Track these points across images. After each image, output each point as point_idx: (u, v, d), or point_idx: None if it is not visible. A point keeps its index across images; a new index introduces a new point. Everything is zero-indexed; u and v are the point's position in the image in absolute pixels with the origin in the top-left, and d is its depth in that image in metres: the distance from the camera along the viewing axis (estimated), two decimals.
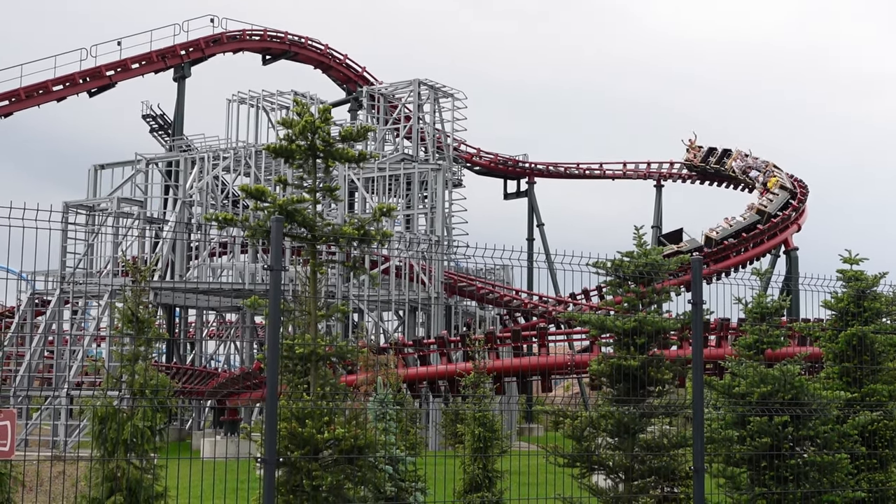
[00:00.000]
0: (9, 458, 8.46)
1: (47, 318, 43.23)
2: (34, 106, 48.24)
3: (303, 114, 11.54)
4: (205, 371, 46.25)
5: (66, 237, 43.09)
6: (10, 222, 8.49)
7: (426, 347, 37.25)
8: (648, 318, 12.51)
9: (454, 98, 55.79)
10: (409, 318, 47.21)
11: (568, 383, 57.09)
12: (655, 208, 63.25)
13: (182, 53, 52.50)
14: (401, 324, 50.38)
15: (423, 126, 55.11)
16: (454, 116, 56.15)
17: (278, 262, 8.69)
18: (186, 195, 48.01)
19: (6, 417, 8.16)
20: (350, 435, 10.50)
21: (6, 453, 8.22)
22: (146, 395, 11.08)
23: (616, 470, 12.41)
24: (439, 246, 45.21)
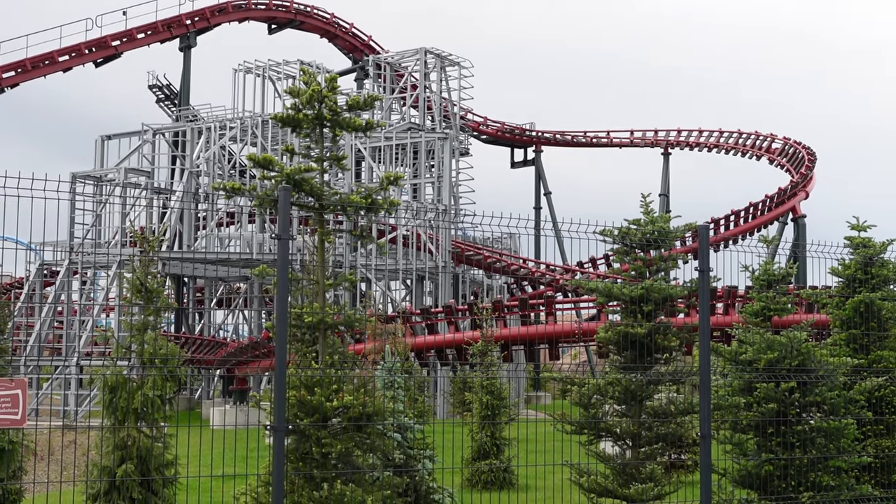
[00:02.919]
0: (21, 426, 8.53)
1: (56, 288, 43.37)
2: (40, 77, 48.20)
3: (310, 83, 11.52)
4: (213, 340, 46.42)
5: (74, 208, 43.16)
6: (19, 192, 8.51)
7: (434, 316, 37.34)
8: (655, 285, 12.52)
9: (461, 66, 55.62)
10: (417, 286, 47.28)
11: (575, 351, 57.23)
12: (663, 176, 63.13)
13: (188, 23, 52.36)
14: (408, 293, 50.47)
15: (429, 95, 55.00)
16: (461, 85, 56.05)
17: (286, 231, 8.70)
18: (193, 165, 48.00)
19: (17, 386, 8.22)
20: (358, 403, 10.55)
21: (18, 422, 8.29)
22: (156, 364, 11.14)
23: (623, 437, 12.46)
24: (446, 215, 45.19)
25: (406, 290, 52.01)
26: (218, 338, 50.64)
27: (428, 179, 49.43)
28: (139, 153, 48.11)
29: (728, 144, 62.68)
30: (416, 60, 55.09)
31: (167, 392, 11.25)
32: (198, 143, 48.42)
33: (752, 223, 53.18)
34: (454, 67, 55.58)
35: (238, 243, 47.81)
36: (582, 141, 65.66)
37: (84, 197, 43.96)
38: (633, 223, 12.90)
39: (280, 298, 8.68)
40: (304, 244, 12.48)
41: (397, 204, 11.81)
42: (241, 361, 39.37)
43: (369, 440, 10.95)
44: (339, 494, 10.10)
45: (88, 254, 42.36)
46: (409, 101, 55.10)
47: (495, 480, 20.67)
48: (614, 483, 12.04)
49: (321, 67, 48.50)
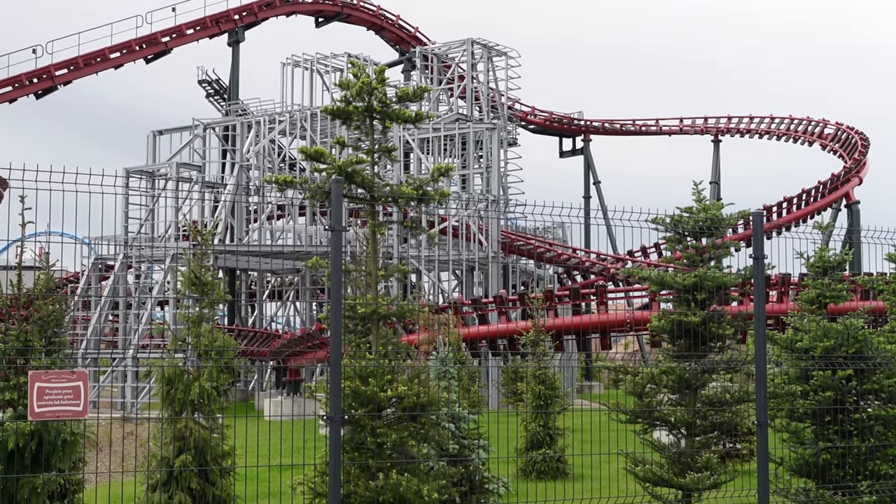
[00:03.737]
0: (82, 417, 8.67)
1: (111, 282, 43.91)
2: (92, 74, 48.75)
3: (359, 75, 11.57)
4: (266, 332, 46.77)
5: (128, 203, 43.68)
6: (77, 188, 8.64)
7: (485, 306, 37.35)
8: (709, 273, 12.44)
9: (508, 56, 55.48)
10: (467, 277, 47.31)
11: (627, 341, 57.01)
12: (713, 164, 62.61)
13: (236, 18, 52.70)
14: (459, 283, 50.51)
15: (476, 85, 54.92)
16: (508, 75, 55.89)
17: (339, 223, 8.76)
18: (243, 159, 48.34)
19: (79, 378, 8.35)
20: (412, 393, 10.61)
21: (80, 413, 8.42)
22: (211, 356, 11.26)
23: (678, 426, 12.41)
24: (496, 205, 45.15)
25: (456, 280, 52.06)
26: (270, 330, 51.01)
27: (476, 170, 49.39)
28: (190, 148, 48.56)
29: (779, 131, 62.01)
30: (462, 51, 55.03)
31: (223, 383, 11.36)
32: (247, 137, 48.74)
33: (805, 210, 52.62)
34: (501, 58, 55.45)
35: (289, 236, 48.11)
36: (631, 129, 65.29)
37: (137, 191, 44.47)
38: (685, 211, 12.82)
39: (334, 289, 8.74)
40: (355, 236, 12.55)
41: (448, 195, 11.84)
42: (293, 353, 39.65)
43: (423, 430, 11.01)
44: (394, 484, 10.17)
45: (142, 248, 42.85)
46: (456, 92, 55.07)
47: (549, 470, 20.68)
48: (669, 472, 12.00)
49: (369, 60, 48.61)
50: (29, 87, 46.57)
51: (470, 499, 12.69)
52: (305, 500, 10.92)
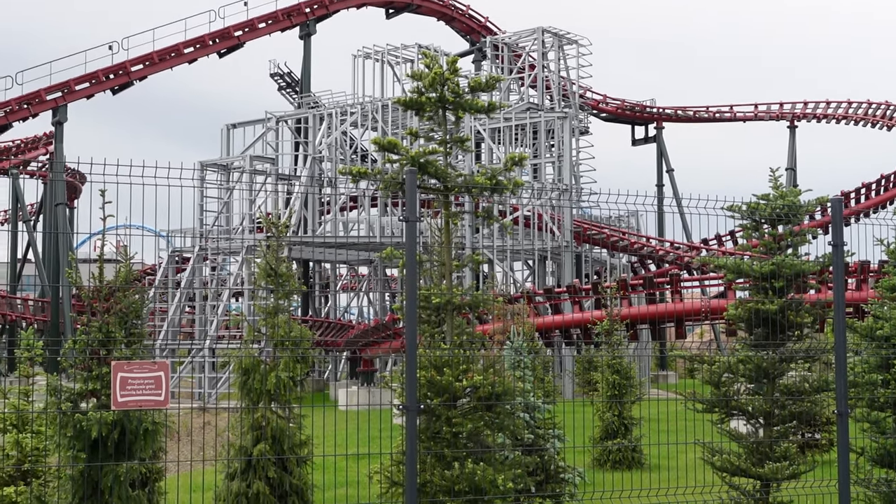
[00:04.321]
0: (164, 407, 8.82)
1: (187, 274, 44.56)
2: (167, 69, 49.39)
3: (432, 66, 11.59)
4: (339, 323, 47.13)
5: (203, 196, 44.26)
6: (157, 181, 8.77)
7: (558, 296, 37.24)
8: (786, 261, 12.28)
9: (578, 44, 55.15)
10: (539, 267, 47.20)
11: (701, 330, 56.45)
12: (789, 150, 61.67)
13: (307, 11, 53.04)
14: (531, 273, 50.40)
15: (547, 74, 54.70)
16: (579, 63, 55.55)
17: (414, 214, 8.79)
18: (316, 151, 48.69)
19: (160, 368, 8.50)
20: (487, 382, 10.62)
21: (161, 402, 8.57)
22: (287, 346, 11.38)
23: (756, 415, 12.27)
24: (568, 194, 44.96)
25: (529, 270, 51.95)
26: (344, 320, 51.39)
27: (548, 159, 49.21)
28: (263, 141, 49.03)
29: (857, 115, 60.88)
30: (533, 40, 54.81)
31: (298, 374, 11.49)
32: (320, 129, 49.09)
33: (884, 196, 51.63)
34: (572, 46, 55.14)
35: (361, 227, 48.40)
36: (704, 116, 64.54)
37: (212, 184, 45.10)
38: (761, 198, 12.66)
39: (409, 280, 8.78)
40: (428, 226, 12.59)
41: (521, 184, 11.82)
42: (368, 343, 39.92)
43: (498, 419, 11.01)
44: (469, 473, 10.19)
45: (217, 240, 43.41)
46: (527, 82, 54.89)
47: (624, 460, 20.60)
48: (747, 462, 11.87)
49: (439, 50, 48.63)
50: (105, 83, 47.33)
51: (545, 488, 12.68)
52: (381, 489, 10.99)
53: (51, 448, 10.04)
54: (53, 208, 45.69)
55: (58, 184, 46.71)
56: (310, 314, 50.55)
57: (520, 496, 11.88)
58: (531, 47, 55.09)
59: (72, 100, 46.39)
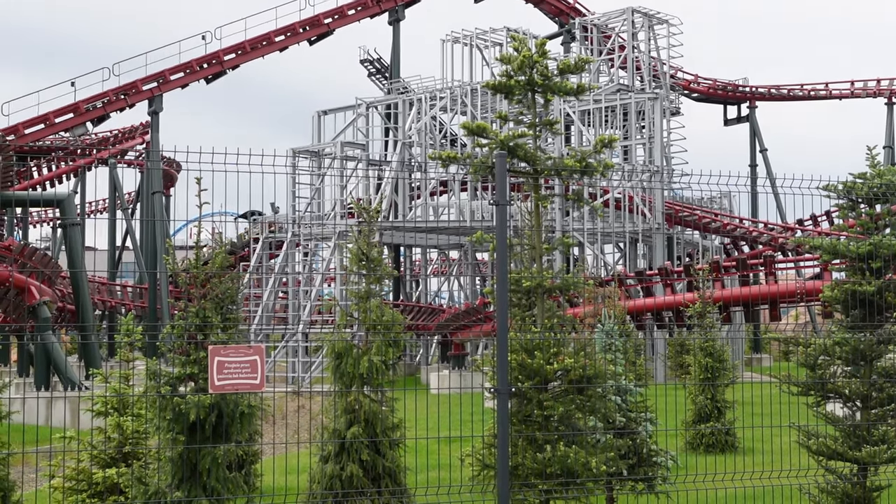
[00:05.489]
0: (259, 390, 8.98)
1: (281, 260, 45.16)
2: (258, 57, 50.00)
3: (520, 49, 11.57)
4: (430, 307, 47.36)
5: (296, 182, 44.78)
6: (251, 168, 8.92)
7: (649, 279, 36.96)
8: (885, 241, 12.03)
9: (669, 24, 54.51)
10: (630, 249, 46.85)
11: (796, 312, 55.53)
12: (887, 128, 60.22)
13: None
14: (622, 256, 50.06)
15: (637, 55, 54.17)
16: (669, 43, 54.93)
17: (504, 197, 8.81)
18: (406, 136, 48.93)
19: (255, 352, 8.65)
20: (578, 365, 10.61)
21: (257, 386, 8.73)
22: (379, 330, 11.49)
23: (853, 398, 12.06)
24: (659, 175, 44.53)
25: (620, 253, 51.59)
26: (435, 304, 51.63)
27: (639, 141, 48.79)
28: (354, 127, 49.42)
29: None
30: (622, 20, 54.32)
31: (390, 357, 11.59)
32: (409, 115, 49.31)
33: None
34: (662, 25, 54.53)
35: (452, 211, 48.54)
36: (799, 94, 63.33)
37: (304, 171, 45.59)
38: (858, 177, 12.41)
39: (500, 263, 8.81)
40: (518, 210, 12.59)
41: (611, 166, 11.75)
42: (458, 327, 40.07)
43: (590, 402, 11.00)
44: (561, 456, 10.20)
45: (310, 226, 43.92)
46: (617, 63, 54.43)
47: (717, 443, 20.40)
48: (844, 445, 11.68)
49: (528, 33, 48.44)
50: (199, 72, 48.10)
51: (637, 471, 12.63)
52: (473, 472, 11.06)
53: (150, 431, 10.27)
54: (150, 196, 46.64)
55: (154, 172, 47.64)
56: (401, 299, 50.89)
57: (612, 479, 11.85)
58: (620, 28, 54.60)
59: (167, 89, 47.25)
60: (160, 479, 9.81)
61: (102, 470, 12.18)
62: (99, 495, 12.02)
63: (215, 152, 8.92)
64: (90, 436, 12.74)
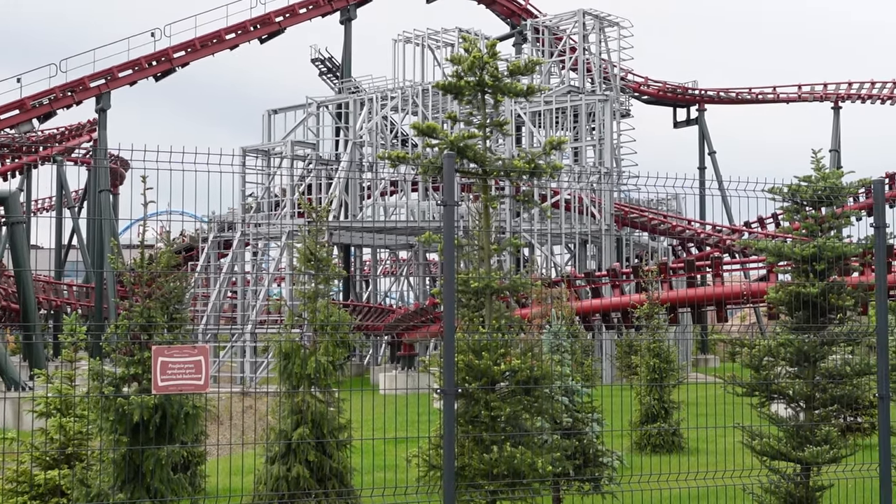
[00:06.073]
0: (203, 391, 8.90)
1: (229, 259, 44.87)
2: (208, 55, 49.60)
3: (471, 50, 11.57)
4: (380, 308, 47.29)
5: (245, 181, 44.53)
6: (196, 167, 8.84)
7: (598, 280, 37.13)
8: (828, 243, 12.16)
9: (619, 27, 54.84)
10: (580, 250, 47.08)
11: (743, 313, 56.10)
12: (833, 131, 61.01)
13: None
14: (572, 257, 50.30)
15: (588, 57, 54.44)
16: (620, 45, 55.26)
17: (452, 198, 8.80)
18: (356, 136, 48.81)
19: (200, 353, 8.57)
20: (526, 366, 10.63)
21: (201, 386, 8.65)
22: (327, 331, 11.44)
23: (797, 399, 12.19)
24: (609, 177, 44.79)
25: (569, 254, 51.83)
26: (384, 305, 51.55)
27: (589, 142, 49.04)
28: (304, 126, 49.23)
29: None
30: (574, 23, 54.55)
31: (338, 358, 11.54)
32: (360, 114, 49.20)
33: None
34: (613, 28, 54.85)
35: (402, 211, 48.51)
36: (747, 98, 63.99)
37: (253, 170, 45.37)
38: (803, 180, 12.54)
39: (447, 264, 8.80)
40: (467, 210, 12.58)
41: (560, 168, 11.78)
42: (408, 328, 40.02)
43: (537, 403, 11.03)
44: (508, 457, 10.21)
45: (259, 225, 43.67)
46: (568, 65, 54.68)
47: (664, 444, 20.54)
48: (787, 446, 11.80)
49: (480, 34, 48.52)
50: (148, 69, 47.64)
51: (584, 472, 12.67)
52: (420, 473, 11.04)
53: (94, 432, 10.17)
54: (97, 195, 46.15)
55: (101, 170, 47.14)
56: (351, 299, 50.76)
57: (558, 480, 11.89)
58: (572, 30, 54.84)
59: (115, 87, 46.74)
60: (103, 481, 9.70)
61: (44, 472, 12.02)
62: (41, 497, 11.85)
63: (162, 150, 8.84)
64: (32, 437, 12.57)
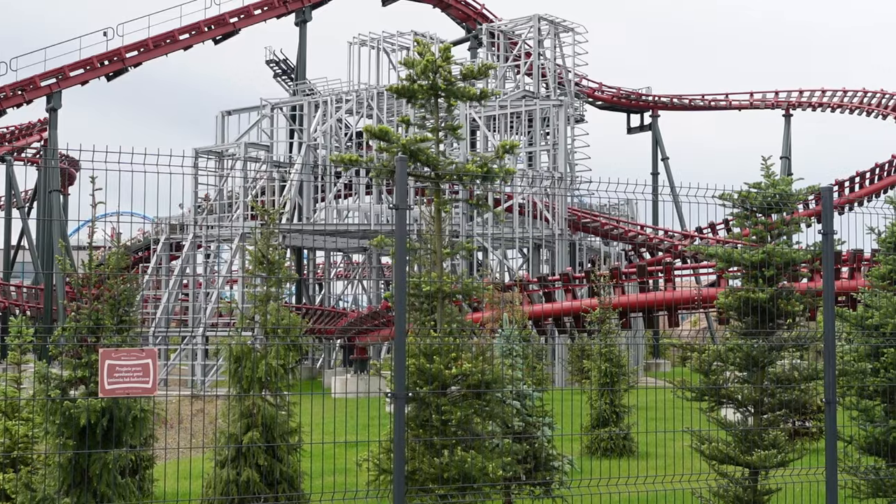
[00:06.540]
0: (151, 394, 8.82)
1: (181, 261, 44.52)
2: (162, 55, 49.22)
3: (424, 53, 11.57)
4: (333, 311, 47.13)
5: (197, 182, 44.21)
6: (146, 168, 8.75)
7: (551, 284, 37.26)
8: (777, 249, 12.29)
9: (575, 32, 55.08)
10: (534, 255, 47.21)
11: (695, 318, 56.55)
12: (784, 138, 61.67)
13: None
14: (525, 261, 50.42)
15: (543, 62, 54.63)
16: (575, 51, 55.51)
17: (403, 201, 8.78)
18: (311, 138, 48.64)
19: (148, 356, 8.49)
20: (477, 370, 10.64)
21: (149, 390, 8.57)
22: (278, 334, 11.38)
23: (745, 403, 12.30)
24: (562, 182, 44.96)
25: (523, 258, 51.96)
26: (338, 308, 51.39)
27: (543, 147, 49.19)
28: (258, 128, 48.96)
29: (852, 104, 60.82)
30: (529, 28, 54.72)
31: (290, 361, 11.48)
32: (315, 117, 49.03)
33: (878, 185, 51.64)
34: (568, 34, 55.07)
35: (355, 215, 48.39)
36: (700, 104, 64.51)
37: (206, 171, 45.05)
38: (753, 186, 12.66)
39: (398, 268, 8.78)
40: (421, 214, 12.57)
41: (513, 172, 11.82)
42: (361, 331, 39.91)
43: (488, 407, 11.04)
44: (459, 461, 10.21)
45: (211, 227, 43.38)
46: (523, 69, 54.82)
47: (615, 448, 20.63)
48: (736, 450, 11.90)
49: (435, 38, 48.55)
50: (100, 69, 47.18)
51: (535, 476, 12.70)
52: (370, 477, 11.01)
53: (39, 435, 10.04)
54: (47, 195, 45.63)
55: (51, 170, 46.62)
56: (304, 302, 50.54)
57: (509, 484, 11.91)
58: (527, 35, 55.00)
59: (66, 86, 46.25)
60: (48, 485, 9.58)
61: None
62: None
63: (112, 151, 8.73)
64: None
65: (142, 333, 12.53)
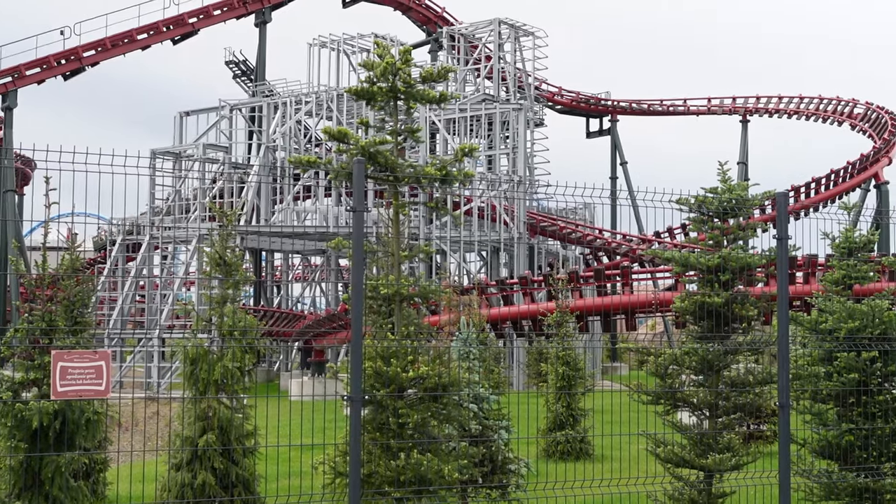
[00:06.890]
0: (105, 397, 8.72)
1: (138, 263, 44.17)
2: (119, 55, 48.80)
3: (384, 56, 11.54)
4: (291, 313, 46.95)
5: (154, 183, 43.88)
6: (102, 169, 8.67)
7: (509, 287, 37.33)
8: (733, 254, 12.38)
9: (535, 36, 55.26)
10: (492, 258, 47.28)
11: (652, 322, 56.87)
12: (741, 144, 62.21)
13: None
14: (484, 264, 50.49)
15: (503, 66, 54.76)
16: (535, 55, 55.69)
17: (361, 204, 8.76)
18: (270, 140, 48.44)
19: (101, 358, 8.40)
20: (434, 373, 10.62)
21: (102, 392, 8.48)
22: (235, 336, 11.32)
23: (700, 407, 12.38)
24: (521, 185, 45.07)
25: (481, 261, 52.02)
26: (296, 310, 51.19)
27: (503, 151, 49.30)
28: (217, 129, 48.69)
29: (808, 111, 61.50)
30: (490, 31, 54.84)
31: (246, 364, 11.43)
32: (274, 118, 48.84)
33: (833, 191, 52.21)
34: (528, 38, 55.24)
35: (314, 217, 48.24)
36: (658, 109, 64.95)
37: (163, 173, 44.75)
38: (710, 191, 12.76)
39: (355, 270, 8.76)
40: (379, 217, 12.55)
41: (472, 175, 11.81)
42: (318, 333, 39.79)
43: (445, 410, 11.03)
44: (415, 464, 10.19)
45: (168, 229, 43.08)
46: (483, 73, 54.91)
47: (571, 451, 20.71)
48: (691, 453, 11.98)
49: (395, 40, 48.53)
50: (57, 68, 46.72)
51: (491, 479, 12.71)
52: (326, 480, 10.97)
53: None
54: (2, 195, 45.11)
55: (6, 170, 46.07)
56: (261, 304, 50.31)
57: (466, 487, 11.91)
58: (487, 38, 55.11)
59: (22, 85, 45.74)
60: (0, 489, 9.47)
61: None
62: None
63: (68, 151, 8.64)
64: None
65: (96, 335, 12.41)
